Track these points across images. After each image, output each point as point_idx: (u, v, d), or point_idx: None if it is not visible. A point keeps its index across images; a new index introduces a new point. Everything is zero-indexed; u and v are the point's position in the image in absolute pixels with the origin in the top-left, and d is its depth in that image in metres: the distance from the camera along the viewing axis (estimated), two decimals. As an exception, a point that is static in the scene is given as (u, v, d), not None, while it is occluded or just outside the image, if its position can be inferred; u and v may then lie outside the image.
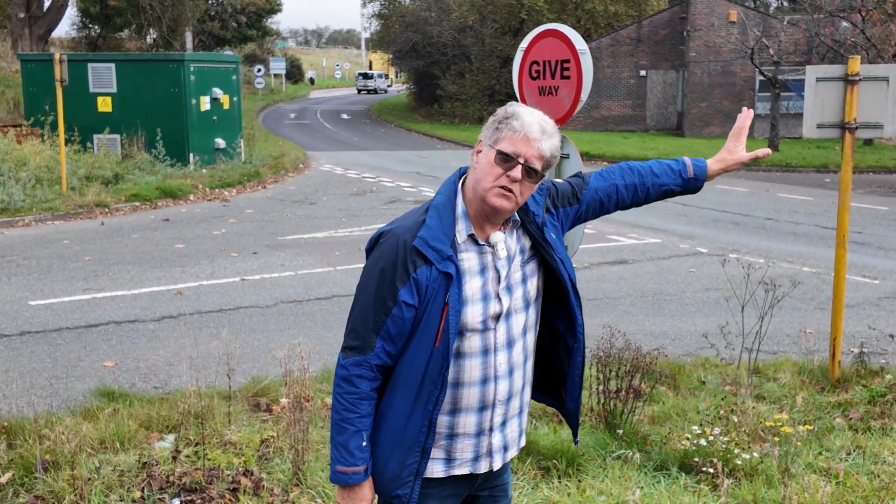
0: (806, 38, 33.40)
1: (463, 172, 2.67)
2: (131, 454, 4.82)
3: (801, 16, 32.64)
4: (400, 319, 2.52)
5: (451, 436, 2.63)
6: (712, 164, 2.96)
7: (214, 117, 20.62)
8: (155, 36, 45.42)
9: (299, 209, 16.43)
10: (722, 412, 5.07)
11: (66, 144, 16.67)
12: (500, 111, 2.60)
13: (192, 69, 19.59)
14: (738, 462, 4.56)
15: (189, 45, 44.19)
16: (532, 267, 2.68)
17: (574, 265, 2.84)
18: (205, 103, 20.14)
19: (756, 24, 32.13)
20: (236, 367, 7.12)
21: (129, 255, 11.78)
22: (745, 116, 2.96)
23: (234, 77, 21.76)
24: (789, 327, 8.61)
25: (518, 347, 2.66)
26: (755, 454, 4.62)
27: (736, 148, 2.95)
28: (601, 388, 5.25)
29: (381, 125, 44.09)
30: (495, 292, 2.59)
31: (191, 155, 19.67)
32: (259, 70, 56.61)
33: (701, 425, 4.95)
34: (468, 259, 2.57)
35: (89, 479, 4.46)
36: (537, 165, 2.53)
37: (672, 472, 4.73)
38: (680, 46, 37.36)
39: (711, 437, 4.69)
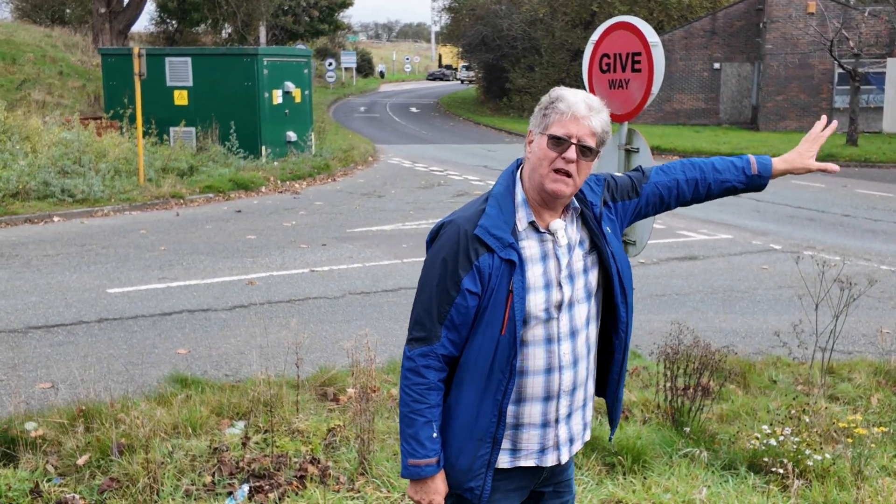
0: (888, 30, 32.38)
1: (520, 163, 2.68)
2: (203, 439, 4.94)
3: (884, 7, 31.66)
4: (464, 308, 2.52)
5: (517, 426, 2.62)
6: (778, 163, 2.91)
7: (286, 110, 20.91)
8: (230, 30, 46.25)
9: (368, 202, 16.57)
10: (793, 412, 4.97)
11: (143, 137, 17.09)
12: (545, 98, 2.61)
13: (265, 63, 19.90)
14: (810, 463, 4.46)
15: (263, 39, 44.88)
16: (593, 258, 2.67)
17: (642, 261, 2.83)
18: (277, 97, 20.44)
19: (836, 16, 31.23)
20: (304, 357, 7.22)
21: (203, 246, 12.04)
22: (829, 127, 2.90)
23: (305, 71, 22.02)
24: (865, 327, 8.39)
25: (582, 338, 2.64)
26: (827, 455, 4.52)
27: (808, 152, 2.91)
28: (668, 385, 5.19)
29: (449, 119, 44.15)
30: (557, 280, 2.58)
31: (263, 148, 19.99)
32: (330, 64, 57.22)
33: (771, 425, 4.86)
34: (529, 247, 2.57)
35: (162, 462, 4.58)
36: (590, 143, 2.53)
37: (740, 472, 4.65)
38: (756, 38, 36.54)
39: (782, 437, 4.60)
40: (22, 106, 21.63)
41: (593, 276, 2.67)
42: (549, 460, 2.67)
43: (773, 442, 4.58)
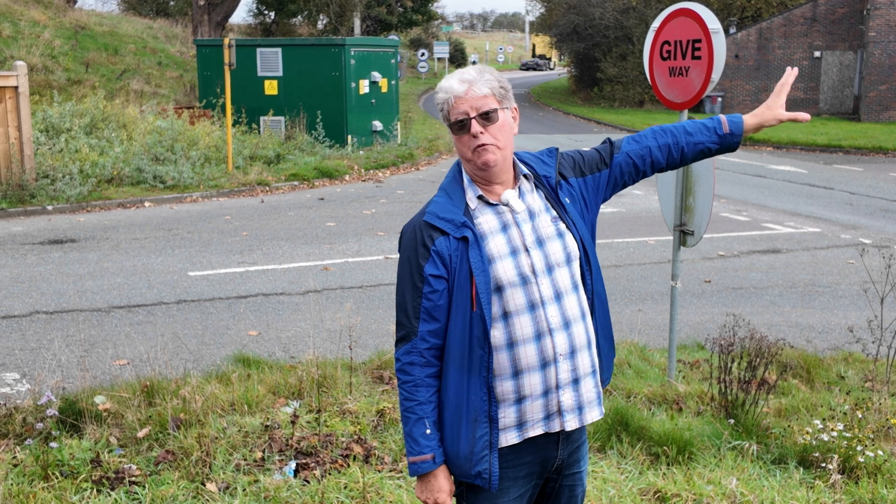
0: None
1: None
2: (257, 417, 5.10)
3: None
4: (433, 294, 2.57)
5: (520, 399, 2.61)
6: (748, 118, 2.88)
7: (372, 100, 21.17)
8: (325, 21, 47.01)
9: (449, 191, 16.64)
10: (847, 408, 4.83)
11: (233, 126, 17.57)
12: (434, 99, 2.70)
13: (352, 53, 20.17)
14: (861, 460, 4.34)
15: (357, 30, 45.46)
16: (567, 224, 2.68)
17: (721, 253, 2.85)
18: (364, 86, 20.71)
19: (945, 1, 29.84)
20: (369, 342, 7.39)
21: (283, 232, 12.33)
22: (790, 73, 2.86)
23: (392, 61, 22.24)
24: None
25: (570, 301, 2.63)
26: (880, 452, 4.39)
27: (775, 104, 2.86)
28: (722, 376, 5.10)
29: (539, 109, 43.93)
30: (523, 245, 2.60)
31: (348, 137, 20.30)
32: (423, 54, 57.51)
33: (824, 420, 4.73)
34: (486, 221, 2.62)
35: (216, 437, 4.76)
36: (487, 106, 2.56)
37: (789, 467, 4.56)
38: (859, 25, 35.19)
39: (835, 433, 4.48)
40: (121, 95, 22.49)
41: (570, 240, 2.67)
42: (555, 426, 2.64)
43: (824, 437, 4.47)
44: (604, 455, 4.79)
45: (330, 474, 4.41)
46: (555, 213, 2.68)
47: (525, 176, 2.70)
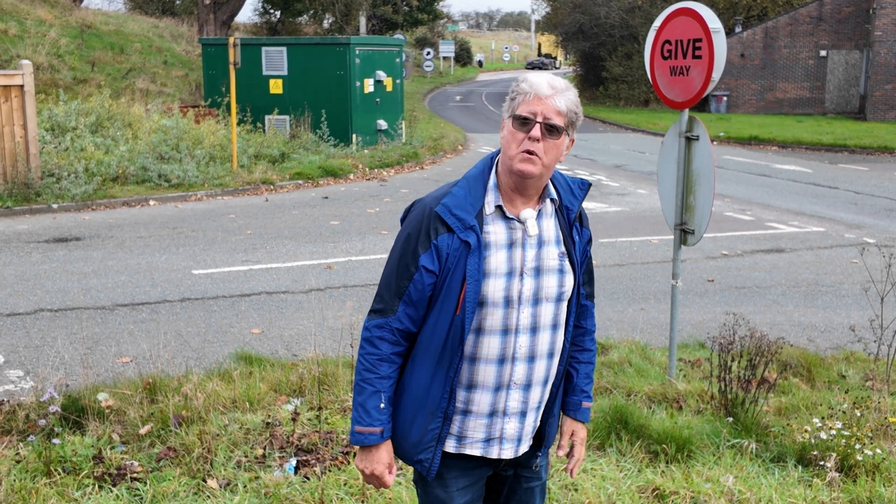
0: None
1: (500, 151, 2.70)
2: (259, 415, 5.12)
3: None
4: (421, 284, 2.56)
5: (466, 412, 2.64)
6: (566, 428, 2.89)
7: (377, 99, 21.20)
8: (331, 21, 47.03)
9: (453, 190, 16.65)
10: (846, 406, 4.84)
11: (238, 124, 17.60)
12: (512, 83, 2.62)
13: (357, 52, 20.20)
14: (860, 458, 4.35)
15: (363, 29, 45.47)
16: (568, 264, 2.65)
17: (724, 252, 2.86)
18: (368, 85, 20.74)
19: (952, 0, 29.76)
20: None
21: (287, 230, 12.36)
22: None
23: (397, 60, 22.26)
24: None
25: (544, 337, 2.63)
26: (878, 451, 4.40)
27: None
28: (722, 375, 5.12)
29: (545, 108, 43.83)
30: (520, 270, 2.58)
31: (353, 136, 20.33)
32: (428, 53, 57.55)
33: (823, 418, 4.75)
34: (495, 232, 2.57)
35: (217, 434, 4.79)
36: (556, 121, 2.52)
37: (788, 465, 4.57)
38: (865, 25, 35.12)
39: (833, 432, 4.49)
40: (126, 94, 22.55)
41: (568, 280, 2.65)
42: (493, 452, 2.67)
43: (822, 436, 4.48)
44: (603, 453, 4.81)
45: (330, 471, 4.44)
46: (563, 248, 2.65)
47: (551, 199, 2.65)
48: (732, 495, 4.17)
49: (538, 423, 2.75)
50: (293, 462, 4.55)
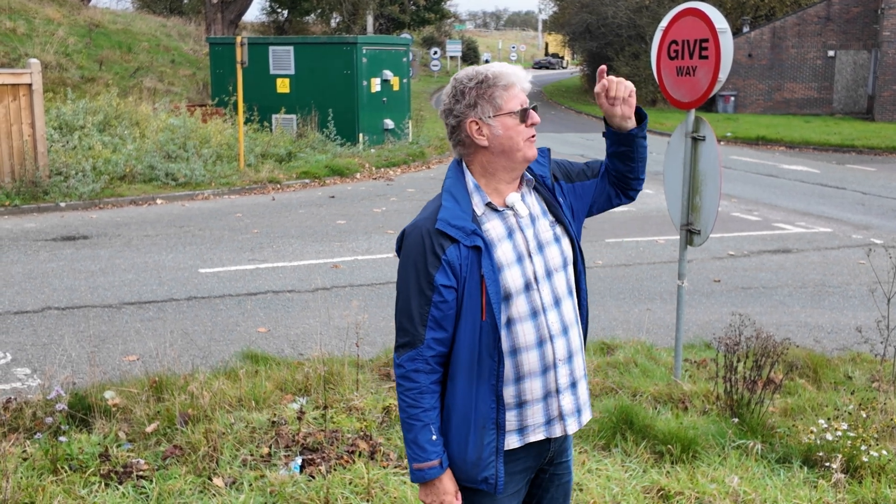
0: None
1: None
2: (264, 413, 5.14)
3: None
4: (443, 304, 2.54)
5: (520, 404, 2.64)
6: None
7: (384, 98, 21.21)
8: (338, 20, 47.08)
9: (460, 189, 16.65)
10: (851, 407, 4.83)
11: (246, 124, 17.63)
12: (470, 82, 2.59)
13: (363, 52, 20.22)
14: (865, 459, 4.34)
15: (370, 28, 45.50)
16: (561, 229, 2.72)
17: (731, 252, 2.88)
18: (375, 85, 20.75)
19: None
20: (377, 339, 7.43)
21: (294, 229, 12.38)
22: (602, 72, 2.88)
23: (404, 59, 22.27)
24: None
25: (567, 305, 2.68)
26: (884, 452, 4.39)
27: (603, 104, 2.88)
28: (727, 375, 5.11)
29: (551, 107, 43.89)
30: (527, 251, 2.62)
31: (360, 135, 20.34)
32: (435, 53, 57.56)
33: (828, 420, 4.74)
34: (493, 227, 2.61)
35: (223, 433, 4.80)
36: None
37: (793, 466, 4.57)
38: (873, 25, 35.01)
39: (839, 433, 4.49)
40: (134, 93, 22.59)
41: (566, 245, 2.71)
42: (557, 430, 2.68)
43: (828, 437, 4.48)
44: (608, 453, 4.81)
45: (335, 470, 4.45)
46: (552, 216, 2.71)
47: (528, 180, 2.71)
48: (737, 496, 4.17)
49: (588, 389, 2.80)
50: (298, 461, 4.56)
